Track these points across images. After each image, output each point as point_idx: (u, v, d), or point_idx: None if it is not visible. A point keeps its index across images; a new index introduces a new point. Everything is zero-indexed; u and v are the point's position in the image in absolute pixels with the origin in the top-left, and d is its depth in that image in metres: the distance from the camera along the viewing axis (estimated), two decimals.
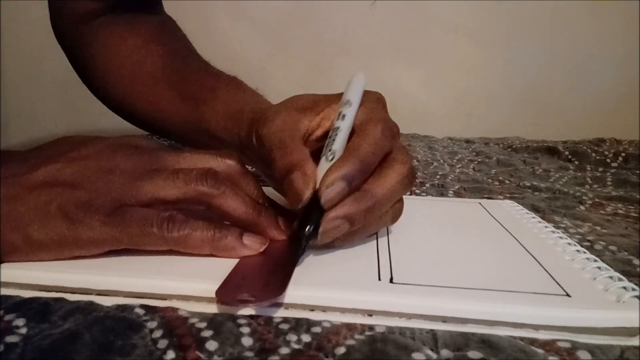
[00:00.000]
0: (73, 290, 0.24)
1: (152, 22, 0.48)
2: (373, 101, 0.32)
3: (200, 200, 0.26)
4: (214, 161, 0.28)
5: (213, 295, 0.23)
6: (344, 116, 0.29)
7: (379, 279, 0.25)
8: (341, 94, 0.32)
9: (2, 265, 0.25)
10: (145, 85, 0.44)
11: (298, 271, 0.25)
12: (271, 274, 0.25)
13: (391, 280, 0.25)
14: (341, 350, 0.19)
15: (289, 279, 0.24)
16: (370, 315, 0.23)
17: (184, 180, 0.26)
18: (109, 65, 0.46)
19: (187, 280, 0.24)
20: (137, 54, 0.45)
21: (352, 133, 0.29)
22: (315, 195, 0.26)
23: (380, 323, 0.21)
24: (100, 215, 0.25)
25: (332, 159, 0.27)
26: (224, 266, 0.25)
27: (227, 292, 0.23)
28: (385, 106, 0.32)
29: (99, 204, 0.25)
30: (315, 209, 0.26)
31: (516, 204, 0.41)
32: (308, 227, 0.25)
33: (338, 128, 0.29)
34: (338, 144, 0.28)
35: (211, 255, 0.26)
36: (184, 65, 0.45)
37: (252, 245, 0.27)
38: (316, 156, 0.28)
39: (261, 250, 0.27)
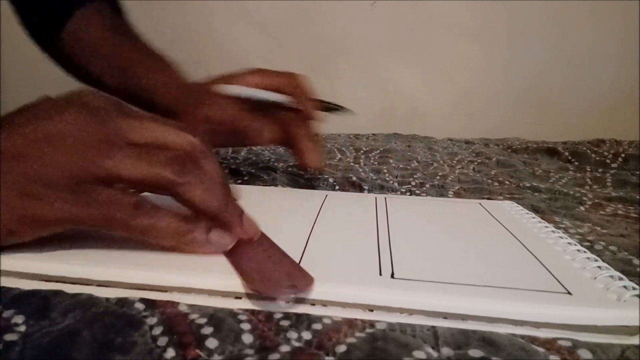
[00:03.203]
0: (73, 281, 0.24)
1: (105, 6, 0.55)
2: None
3: (163, 186, 0.24)
4: (176, 136, 0.25)
5: (213, 287, 0.23)
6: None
7: (380, 274, 0.25)
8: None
9: (2, 254, 0.25)
10: (90, 51, 0.51)
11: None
12: (280, 263, 0.25)
13: (392, 276, 0.25)
14: (342, 348, 0.19)
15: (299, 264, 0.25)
16: (371, 311, 0.23)
17: (147, 162, 0.23)
18: (71, 32, 0.52)
19: (188, 273, 0.24)
20: (97, 32, 0.52)
21: None
22: None
23: (381, 319, 0.21)
24: (61, 191, 0.22)
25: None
26: (224, 260, 0.26)
27: (268, 286, 0.23)
28: None
29: (58, 176, 0.22)
30: None
31: (516, 204, 0.41)
32: None
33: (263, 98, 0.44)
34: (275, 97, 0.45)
35: (173, 249, 0.25)
36: (122, 40, 0.53)
37: (218, 242, 0.25)
38: None
39: (227, 249, 0.26)
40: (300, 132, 0.46)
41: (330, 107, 0.47)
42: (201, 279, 0.23)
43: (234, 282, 0.23)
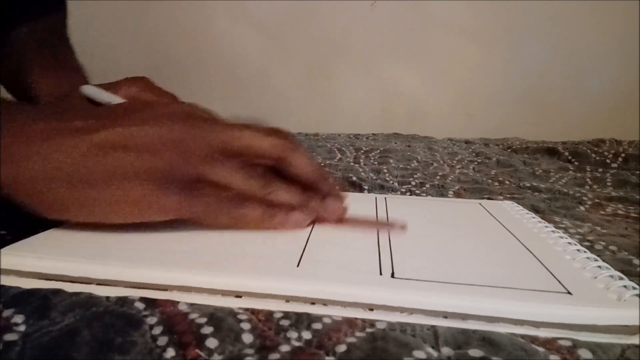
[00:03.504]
0: (73, 280, 0.24)
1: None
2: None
3: (253, 193, 0.30)
4: (264, 141, 0.30)
5: (212, 286, 0.23)
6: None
7: (380, 274, 0.25)
8: None
9: (2, 251, 0.25)
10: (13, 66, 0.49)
11: (299, 265, 0.26)
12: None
13: (392, 275, 0.25)
14: (342, 348, 0.19)
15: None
16: (372, 310, 0.23)
17: (247, 174, 0.29)
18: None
19: (187, 271, 0.24)
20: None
21: None
22: None
23: (381, 318, 0.21)
24: (178, 186, 0.27)
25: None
26: (224, 257, 0.26)
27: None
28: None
29: (178, 175, 0.27)
30: None
31: (516, 204, 0.41)
32: None
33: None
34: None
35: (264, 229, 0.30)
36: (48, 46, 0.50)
37: (297, 221, 0.31)
38: None
39: (306, 225, 0.31)
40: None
41: None
42: (201, 278, 0.24)
43: (234, 281, 0.24)
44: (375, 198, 0.42)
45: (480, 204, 0.41)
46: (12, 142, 0.26)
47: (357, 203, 0.40)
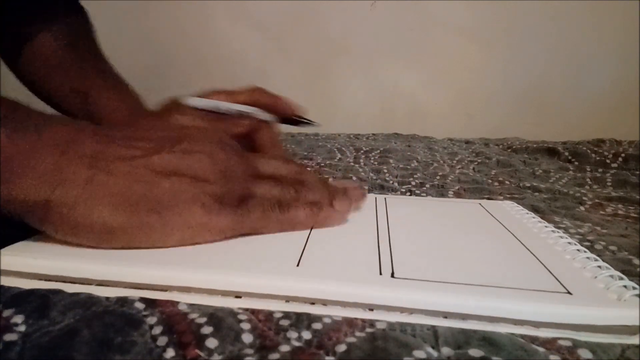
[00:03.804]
0: (73, 280, 0.24)
1: (63, 20, 0.52)
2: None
3: (288, 201, 0.33)
4: (285, 166, 0.35)
5: (212, 286, 0.23)
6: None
7: (380, 274, 0.25)
8: None
9: (2, 252, 0.25)
10: (45, 70, 0.49)
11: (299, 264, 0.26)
12: None
13: (392, 275, 0.25)
14: (342, 348, 0.19)
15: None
16: (371, 310, 0.23)
17: (281, 188, 0.33)
18: (30, 54, 0.50)
19: (187, 272, 0.24)
20: (50, 44, 0.49)
21: None
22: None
23: (381, 318, 0.21)
24: (231, 208, 0.29)
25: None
26: (224, 257, 0.26)
27: None
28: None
29: (229, 198, 0.29)
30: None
31: (516, 204, 0.41)
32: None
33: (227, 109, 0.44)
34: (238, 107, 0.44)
35: (313, 228, 0.32)
36: (81, 59, 0.50)
37: (342, 207, 0.34)
38: None
39: (351, 208, 0.35)
40: (264, 139, 0.45)
41: (298, 121, 0.47)
42: (201, 277, 0.24)
43: (234, 281, 0.24)
44: (375, 198, 0.42)
45: (480, 204, 0.41)
46: (54, 161, 0.25)
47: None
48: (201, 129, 0.36)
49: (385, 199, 0.42)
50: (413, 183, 0.52)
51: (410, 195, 0.48)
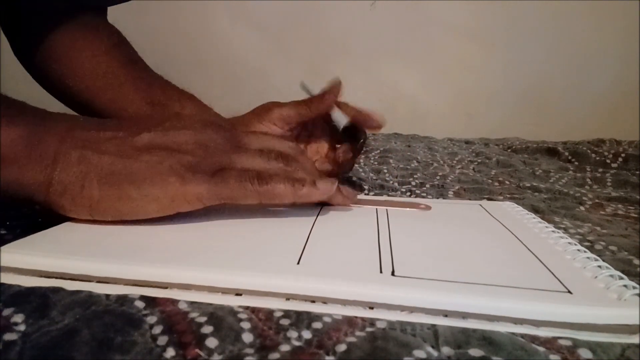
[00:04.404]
0: (73, 277, 0.24)
1: (111, 30, 0.53)
2: None
3: (277, 172, 0.32)
4: (278, 142, 0.35)
5: (212, 284, 0.23)
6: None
7: (381, 272, 0.25)
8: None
9: (2, 249, 0.25)
10: (110, 85, 0.49)
11: (300, 262, 0.26)
12: None
13: (393, 273, 0.25)
14: (342, 347, 0.19)
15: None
16: (372, 308, 0.22)
17: (266, 157, 0.32)
18: (70, 62, 0.49)
19: (187, 269, 0.24)
20: (101, 58, 0.50)
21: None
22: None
23: (381, 317, 0.21)
24: (205, 176, 0.29)
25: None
26: (224, 255, 0.26)
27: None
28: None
29: (203, 167, 0.30)
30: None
31: (516, 205, 0.41)
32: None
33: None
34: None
35: (292, 205, 0.32)
36: (147, 73, 0.53)
37: (324, 188, 0.32)
38: None
39: (333, 190, 0.33)
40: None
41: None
42: (201, 275, 0.23)
43: (234, 279, 0.23)
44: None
45: (480, 205, 0.41)
46: (55, 147, 0.28)
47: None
48: (187, 115, 0.38)
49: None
50: (413, 183, 0.52)
51: (411, 195, 0.48)
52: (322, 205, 0.37)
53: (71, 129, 0.30)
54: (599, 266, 0.26)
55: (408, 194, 0.49)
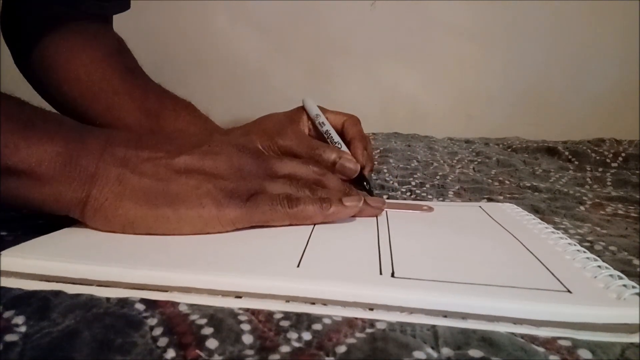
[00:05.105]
0: (73, 281, 0.24)
1: (111, 37, 0.53)
2: (349, 116, 0.50)
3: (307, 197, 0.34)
4: (305, 167, 0.37)
5: (213, 287, 0.23)
6: (323, 123, 0.48)
7: (380, 273, 0.25)
8: (288, 113, 0.51)
9: (2, 253, 0.25)
10: (104, 93, 0.49)
11: (300, 265, 0.26)
12: None
13: (392, 275, 0.25)
14: (342, 349, 0.19)
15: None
16: (371, 309, 0.23)
17: (295, 186, 0.34)
18: (66, 69, 0.49)
19: (188, 272, 0.24)
20: (97, 65, 0.50)
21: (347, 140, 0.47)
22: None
23: (381, 318, 0.21)
24: (240, 201, 0.31)
25: (340, 147, 0.46)
26: (224, 258, 0.26)
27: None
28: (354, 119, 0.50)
29: (238, 192, 0.31)
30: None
31: (516, 206, 0.41)
32: (366, 182, 0.43)
33: (327, 130, 0.47)
34: (336, 138, 0.47)
35: (323, 222, 0.33)
36: (143, 82, 0.53)
37: (352, 205, 0.34)
38: None
39: (360, 205, 0.34)
40: (353, 132, 0.49)
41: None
42: (201, 278, 0.24)
43: (234, 281, 0.24)
44: None
45: (480, 206, 0.41)
46: (95, 165, 0.29)
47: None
48: (221, 137, 0.39)
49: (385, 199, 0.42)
50: (413, 183, 0.52)
51: (411, 195, 0.48)
52: None
53: (109, 145, 0.30)
54: (599, 266, 0.26)
55: (408, 193, 0.49)
